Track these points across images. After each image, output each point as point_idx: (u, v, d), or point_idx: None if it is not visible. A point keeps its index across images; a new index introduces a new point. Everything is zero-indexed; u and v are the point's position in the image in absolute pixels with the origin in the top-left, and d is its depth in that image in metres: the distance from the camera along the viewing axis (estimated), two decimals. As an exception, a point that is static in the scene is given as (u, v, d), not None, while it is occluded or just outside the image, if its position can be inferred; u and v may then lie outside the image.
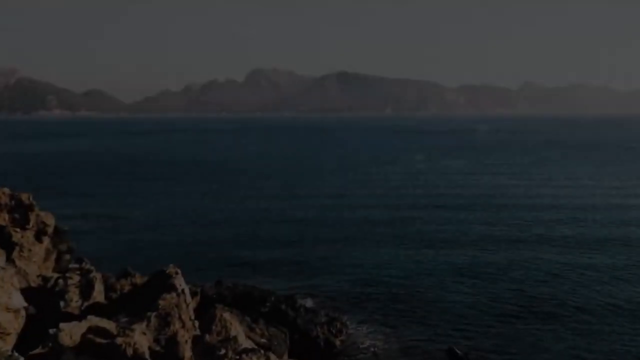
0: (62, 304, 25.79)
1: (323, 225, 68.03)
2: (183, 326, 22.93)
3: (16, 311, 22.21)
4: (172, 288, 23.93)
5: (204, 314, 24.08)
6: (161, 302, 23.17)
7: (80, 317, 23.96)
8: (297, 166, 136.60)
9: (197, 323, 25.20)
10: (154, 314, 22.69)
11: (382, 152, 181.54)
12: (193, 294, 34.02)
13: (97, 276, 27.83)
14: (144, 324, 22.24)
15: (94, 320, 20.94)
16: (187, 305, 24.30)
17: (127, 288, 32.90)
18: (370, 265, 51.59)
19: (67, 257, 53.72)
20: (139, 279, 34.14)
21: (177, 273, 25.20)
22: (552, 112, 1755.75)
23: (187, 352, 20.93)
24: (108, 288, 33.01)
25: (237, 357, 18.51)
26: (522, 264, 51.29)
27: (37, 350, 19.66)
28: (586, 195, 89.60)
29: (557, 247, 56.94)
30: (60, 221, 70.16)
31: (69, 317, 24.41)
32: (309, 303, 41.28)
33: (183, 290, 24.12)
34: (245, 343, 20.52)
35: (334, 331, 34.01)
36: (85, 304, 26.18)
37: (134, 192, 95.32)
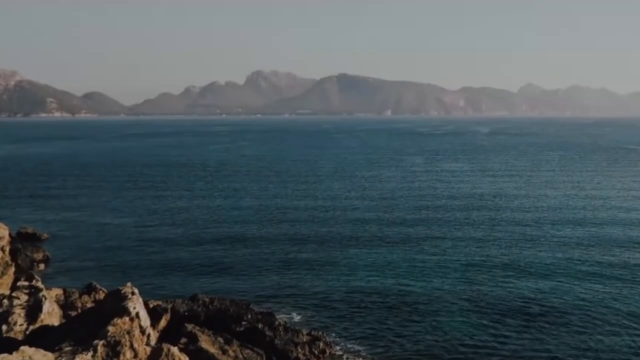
0: (4, 328, 22.98)
1: (313, 232, 65.21)
2: (135, 356, 20.16)
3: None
4: (125, 311, 21.12)
5: (153, 348, 21.21)
6: (111, 328, 20.41)
7: (22, 343, 21.22)
8: (290, 169, 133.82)
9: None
10: (101, 342, 19.94)
11: (379, 155, 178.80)
12: (163, 311, 31.34)
13: (47, 295, 25.01)
14: (89, 354, 19.47)
15: (27, 352, 18.20)
16: (143, 331, 21.50)
17: (89, 305, 30.21)
18: (363, 274, 48.88)
19: (41, 266, 51.16)
20: (103, 295, 31.43)
21: (133, 293, 22.42)
22: (553, 114, 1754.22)
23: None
24: (68, 305, 30.33)
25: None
26: (523, 273, 48.53)
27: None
28: (588, 200, 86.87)
29: (560, 257, 54.16)
30: (41, 227, 68.00)
31: (10, 344, 21.66)
32: (293, 317, 38.58)
33: (138, 314, 21.32)
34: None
35: (316, 352, 31.24)
36: (31, 327, 23.35)
37: (121, 196, 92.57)
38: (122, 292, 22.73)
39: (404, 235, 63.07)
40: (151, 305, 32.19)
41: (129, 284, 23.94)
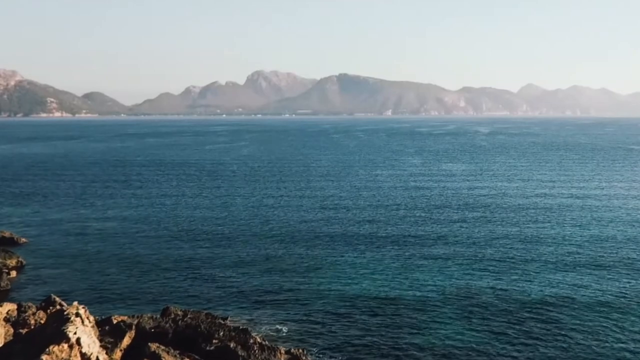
0: None
1: (302, 237, 62.38)
2: (72, 389, 17.43)
3: None
4: (63, 337, 18.42)
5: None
6: (44, 357, 17.72)
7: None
8: (285, 169, 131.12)
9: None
10: (32, 374, 17.20)
11: (376, 155, 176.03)
12: (127, 328, 28.64)
13: (-14, 315, 22.27)
14: (17, 388, 16.74)
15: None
16: (87, 359, 18.79)
17: (44, 322, 27.49)
18: (352, 282, 46.15)
19: (13, 274, 48.45)
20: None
21: (77, 315, 19.70)
22: (553, 114, 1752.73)
23: None
24: (20, 323, 27.64)
25: None
26: (523, 279, 45.80)
27: None
28: (589, 202, 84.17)
29: (562, 263, 51.42)
30: (21, 231, 65.32)
31: None
32: (273, 330, 35.88)
33: (79, 340, 18.62)
34: None
35: (294, 372, 28.53)
36: (-38, 353, 20.65)
37: (110, 198, 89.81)
38: (65, 313, 20.04)
39: (397, 240, 60.33)
40: (115, 321, 29.58)
41: (75, 303, 21.29)
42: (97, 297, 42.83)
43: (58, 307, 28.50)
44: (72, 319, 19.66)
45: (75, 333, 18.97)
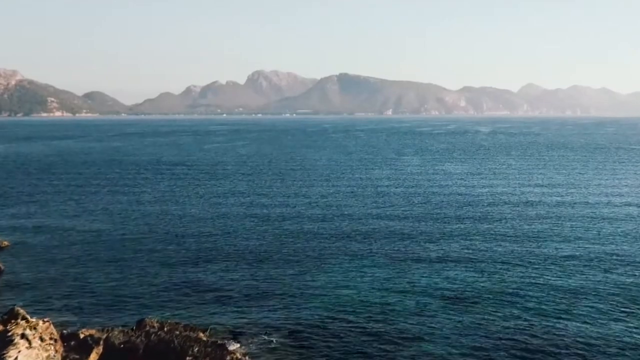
0: None
1: (294, 239, 60.29)
2: None
3: None
4: (1, 363, 16.32)
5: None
6: (-21, 387, 15.59)
7: None
8: (281, 170, 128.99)
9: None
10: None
11: (376, 155, 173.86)
12: (94, 344, 26.57)
13: None
14: None
15: None
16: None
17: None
18: (345, 288, 44.10)
19: (-11, 280, 46.26)
20: (24, 324, 26.60)
21: (22, 336, 17.57)
22: (553, 113, 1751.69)
23: None
24: (-24, 339, 25.53)
25: None
26: (526, 291, 43.67)
27: None
28: (591, 204, 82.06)
29: (563, 266, 49.31)
30: (4, 234, 63.22)
31: None
32: (254, 346, 33.74)
33: (20, 366, 16.48)
34: None
35: (274, 391, 26.45)
36: None
37: (103, 199, 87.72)
38: (9, 334, 17.95)
39: (394, 244, 58.17)
40: (82, 336, 27.53)
41: (22, 322, 19.21)
42: (75, 306, 40.76)
43: (20, 320, 26.40)
44: (15, 341, 17.61)
45: (16, 358, 16.92)
